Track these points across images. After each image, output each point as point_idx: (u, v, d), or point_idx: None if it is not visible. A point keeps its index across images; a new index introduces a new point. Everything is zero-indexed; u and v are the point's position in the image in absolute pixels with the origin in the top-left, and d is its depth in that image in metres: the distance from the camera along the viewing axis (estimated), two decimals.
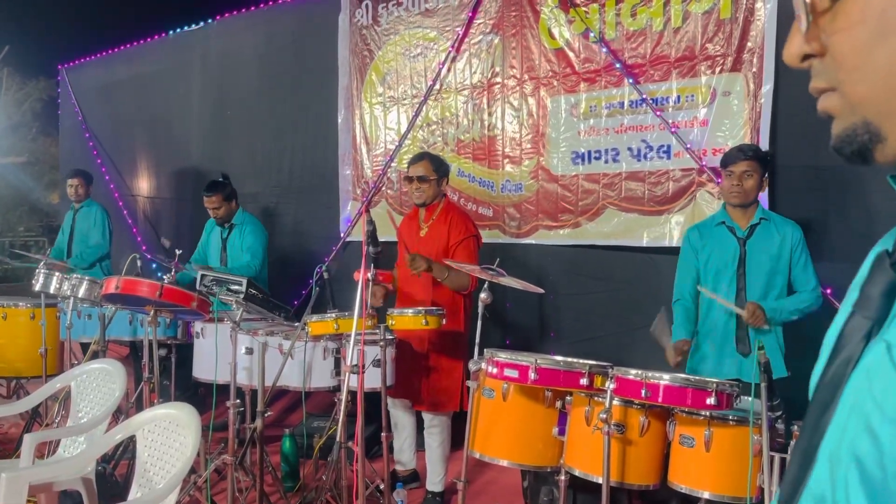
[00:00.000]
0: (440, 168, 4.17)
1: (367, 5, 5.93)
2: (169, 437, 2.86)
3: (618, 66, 4.61)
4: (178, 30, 7.73)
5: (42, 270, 4.87)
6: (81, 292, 4.66)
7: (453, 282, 3.97)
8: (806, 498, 0.65)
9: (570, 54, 4.85)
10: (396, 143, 5.76)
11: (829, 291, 3.95)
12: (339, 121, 6.10)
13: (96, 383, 3.61)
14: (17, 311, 5.36)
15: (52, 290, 4.79)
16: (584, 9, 4.76)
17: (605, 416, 2.69)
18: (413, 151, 5.69)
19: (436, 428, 4.14)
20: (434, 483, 4.17)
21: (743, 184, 3.38)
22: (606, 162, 4.70)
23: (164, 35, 7.89)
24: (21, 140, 18.77)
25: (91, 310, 4.88)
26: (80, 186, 6.30)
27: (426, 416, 4.16)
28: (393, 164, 5.79)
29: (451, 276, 3.93)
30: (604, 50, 4.67)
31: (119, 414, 4.29)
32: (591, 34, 4.73)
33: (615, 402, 2.81)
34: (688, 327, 3.52)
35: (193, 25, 7.57)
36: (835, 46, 0.63)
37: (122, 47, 8.38)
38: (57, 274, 4.80)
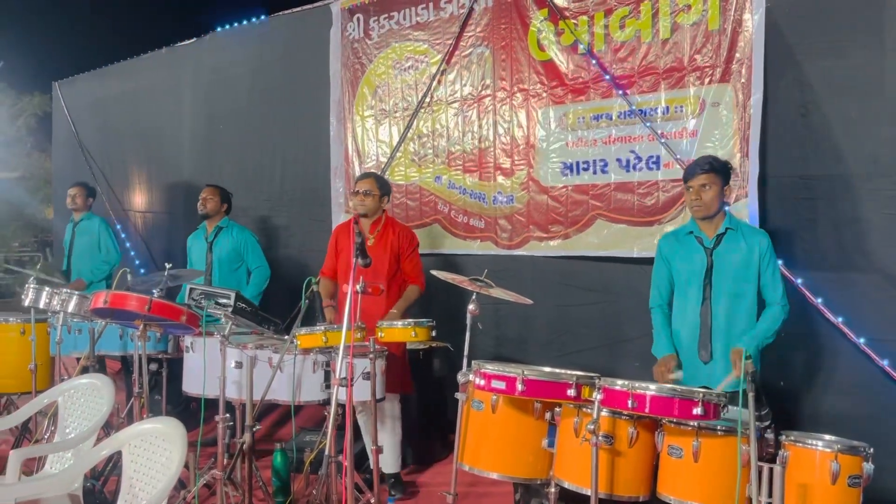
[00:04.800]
0: (383, 186, 4.70)
1: (358, 18, 5.96)
2: (155, 452, 2.85)
3: (607, 77, 4.63)
4: (171, 45, 7.76)
5: (32, 285, 4.85)
6: (71, 307, 4.65)
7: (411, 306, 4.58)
8: None
9: (559, 66, 4.87)
10: (388, 156, 5.78)
11: (819, 301, 3.97)
12: (331, 134, 6.12)
13: (84, 398, 3.59)
14: (7, 326, 5.33)
15: (41, 305, 4.77)
16: (573, 21, 4.79)
17: (592, 427, 2.69)
18: (405, 164, 5.72)
19: (388, 411, 4.37)
20: (389, 465, 4.38)
21: (702, 197, 3.45)
22: (595, 173, 4.71)
23: (156, 50, 7.92)
24: (15, 155, 18.74)
25: (82, 324, 4.86)
26: (78, 196, 6.29)
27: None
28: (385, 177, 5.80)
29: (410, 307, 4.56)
30: (593, 62, 4.70)
31: (109, 429, 4.28)
32: (580, 46, 4.75)
33: (603, 414, 2.81)
34: (667, 334, 3.60)
35: (186, 40, 7.61)
36: None
37: (115, 62, 8.41)
38: (47, 289, 4.79)
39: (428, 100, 5.56)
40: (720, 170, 3.49)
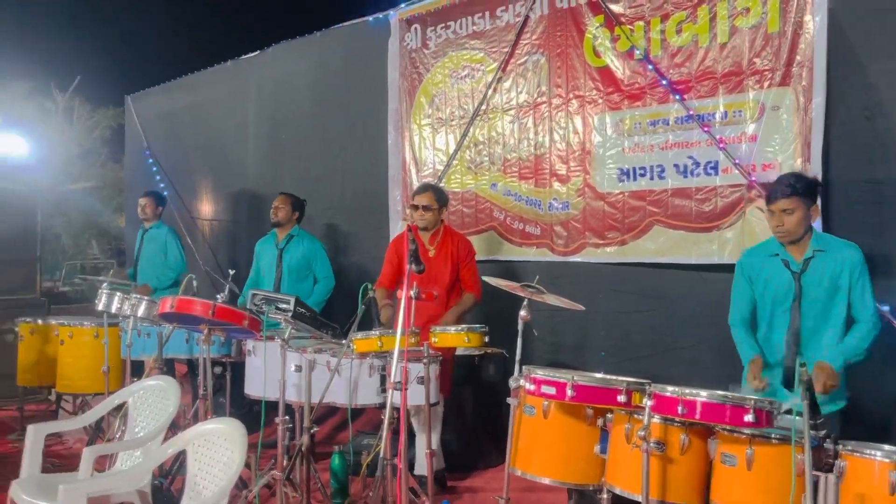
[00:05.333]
0: (441, 198, 4.86)
1: (416, 28, 6.06)
2: (217, 451, 2.97)
3: (664, 82, 4.61)
4: (236, 58, 8.01)
5: (104, 291, 5.07)
6: (140, 311, 4.85)
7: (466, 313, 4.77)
8: None
9: (615, 72, 4.87)
10: (444, 164, 5.85)
11: (886, 309, 3.85)
12: (389, 143, 6.23)
13: (152, 399, 3.76)
14: (82, 329, 5.61)
15: (113, 310, 4.99)
16: (628, 27, 4.78)
17: (643, 433, 2.69)
18: (461, 172, 5.78)
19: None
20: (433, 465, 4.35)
21: (784, 222, 3.25)
22: (652, 179, 4.69)
23: (222, 63, 8.19)
24: (91, 166, 19.61)
25: (150, 328, 5.07)
26: (147, 206, 6.52)
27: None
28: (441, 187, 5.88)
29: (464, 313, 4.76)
30: (649, 67, 4.68)
31: (176, 430, 4.44)
32: (637, 52, 4.74)
33: (655, 420, 2.80)
34: (752, 342, 3.42)
35: (250, 53, 7.84)
36: None
37: (183, 76, 8.72)
38: (118, 294, 5.00)
39: (484, 107, 5.61)
40: (804, 191, 3.23)
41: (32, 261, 7.42)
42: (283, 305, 3.90)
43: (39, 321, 6.02)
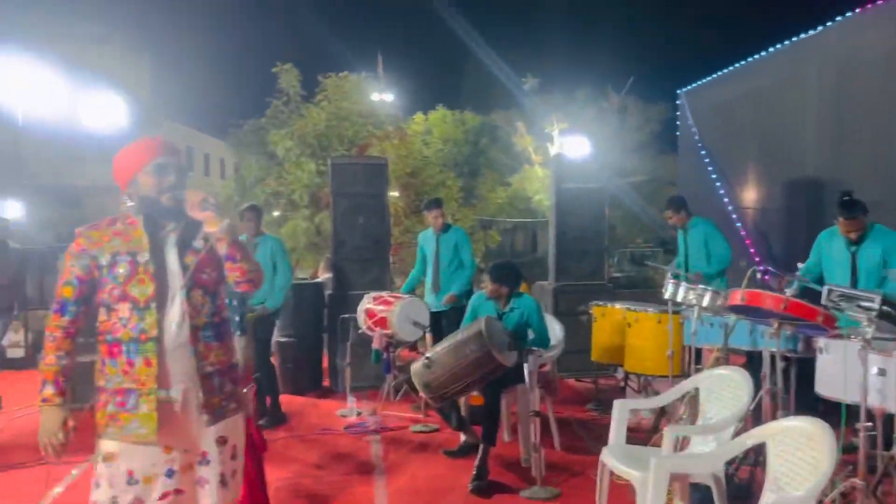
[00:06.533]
0: None
1: None
2: (799, 450, 2.90)
3: None
4: (793, 38, 7.66)
5: (670, 281, 5.36)
6: (705, 302, 5.00)
7: None
8: None
9: None
10: None
11: None
12: None
13: (723, 389, 3.86)
14: (647, 315, 6.02)
15: (678, 299, 5.24)
16: None
17: None
18: None
19: None
20: None
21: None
22: None
23: (777, 47, 7.91)
24: (641, 161, 20.91)
25: (713, 318, 5.18)
26: (671, 216, 6.55)
27: None
28: None
29: None
30: None
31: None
32: None
33: None
34: None
35: (810, 31, 7.41)
36: None
37: (736, 65, 8.69)
38: (683, 284, 5.23)
39: None
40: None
41: (601, 251, 8.28)
42: (867, 304, 3.60)
43: (608, 305, 6.65)
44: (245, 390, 2.93)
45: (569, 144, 10.65)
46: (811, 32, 7.38)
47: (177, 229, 2.68)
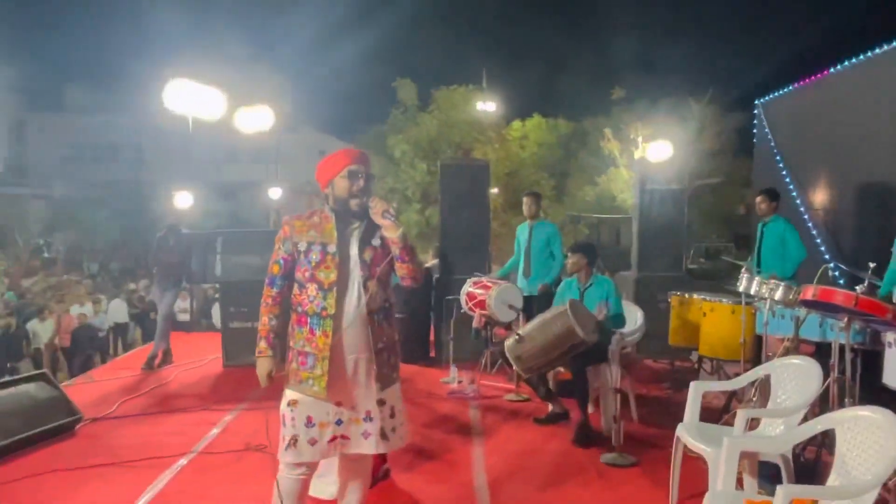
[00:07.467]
0: None
1: None
2: (868, 437, 2.72)
3: None
4: (868, 53, 7.12)
5: (744, 274, 5.12)
6: (777, 295, 4.74)
7: None
8: None
9: None
10: None
11: None
12: None
13: (794, 376, 3.65)
14: (721, 305, 5.78)
15: (752, 292, 5.00)
16: None
17: None
18: None
19: None
20: None
21: None
22: None
23: (852, 61, 7.37)
24: (719, 164, 20.06)
25: (784, 311, 4.92)
26: (762, 202, 6.30)
27: None
28: None
29: None
30: None
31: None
32: None
33: None
34: None
35: (885, 46, 6.87)
36: None
37: (811, 77, 8.16)
38: (756, 278, 4.98)
39: None
40: None
41: (679, 245, 8.00)
42: None
43: (686, 295, 6.42)
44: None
45: (652, 149, 10.27)
46: (886, 48, 6.84)
47: (360, 228, 2.80)
